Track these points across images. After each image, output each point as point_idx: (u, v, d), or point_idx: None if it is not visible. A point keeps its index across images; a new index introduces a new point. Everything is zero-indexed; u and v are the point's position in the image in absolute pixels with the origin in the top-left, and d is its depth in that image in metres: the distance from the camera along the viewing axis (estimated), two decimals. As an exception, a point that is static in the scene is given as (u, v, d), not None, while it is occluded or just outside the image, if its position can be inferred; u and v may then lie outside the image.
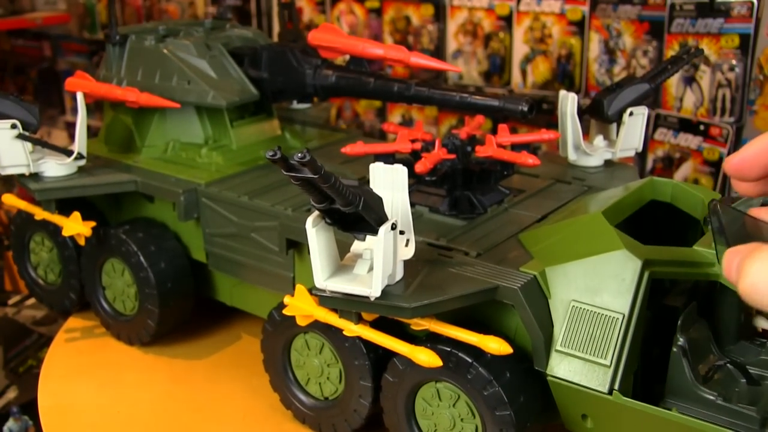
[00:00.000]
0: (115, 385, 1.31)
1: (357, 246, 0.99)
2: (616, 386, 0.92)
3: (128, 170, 1.40)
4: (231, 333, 1.45)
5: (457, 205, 1.20)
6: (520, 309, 0.96)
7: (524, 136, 1.26)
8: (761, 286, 0.59)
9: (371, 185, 0.99)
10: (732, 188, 1.04)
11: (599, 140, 1.41)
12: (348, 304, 0.96)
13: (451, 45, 1.71)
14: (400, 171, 0.97)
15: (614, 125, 1.40)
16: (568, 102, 1.34)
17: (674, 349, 0.95)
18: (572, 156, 1.38)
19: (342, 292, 0.93)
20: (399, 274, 0.98)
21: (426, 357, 0.96)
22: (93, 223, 1.34)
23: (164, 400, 1.26)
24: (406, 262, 1.00)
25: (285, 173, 0.79)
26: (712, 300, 1.03)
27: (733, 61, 1.47)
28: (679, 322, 0.96)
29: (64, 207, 1.38)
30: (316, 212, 0.91)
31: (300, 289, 1.05)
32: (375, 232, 0.89)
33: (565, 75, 1.62)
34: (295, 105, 1.77)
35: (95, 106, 2.21)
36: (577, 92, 1.62)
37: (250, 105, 1.50)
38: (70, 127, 3.07)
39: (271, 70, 1.41)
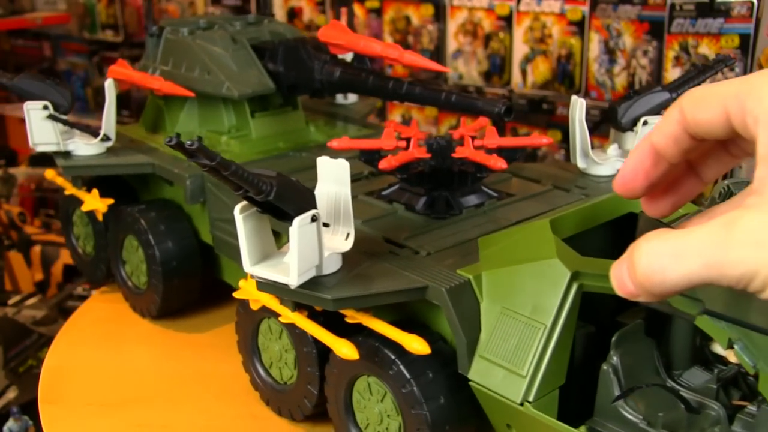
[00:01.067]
0: (117, 352, 1.40)
1: (294, 236, 1.02)
2: (531, 398, 0.90)
3: (151, 153, 1.49)
4: (233, 314, 1.51)
5: (434, 204, 1.20)
6: (445, 310, 0.95)
7: (513, 140, 1.24)
8: (654, 264, 0.54)
9: (318, 179, 1.01)
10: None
11: (613, 149, 1.35)
12: (277, 291, 0.99)
13: (451, 45, 1.69)
14: (343, 166, 0.99)
15: (629, 134, 1.35)
16: (577, 108, 1.30)
17: (604, 367, 0.91)
18: (581, 164, 1.33)
19: (265, 278, 0.96)
20: (334, 266, 1.00)
21: (347, 350, 0.97)
22: (110, 200, 1.44)
23: (153, 370, 1.34)
24: (349, 256, 1.01)
25: (189, 161, 0.83)
26: (664, 321, 0.98)
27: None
28: (613, 338, 0.92)
29: (103, 185, 1.49)
30: (245, 200, 0.95)
31: (252, 274, 1.09)
32: (294, 223, 0.91)
33: (565, 75, 1.57)
34: (340, 100, 1.81)
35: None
36: (577, 92, 1.57)
37: (275, 98, 1.56)
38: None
39: (285, 65, 1.45)
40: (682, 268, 0.54)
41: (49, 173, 1.59)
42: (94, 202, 1.43)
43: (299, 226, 0.90)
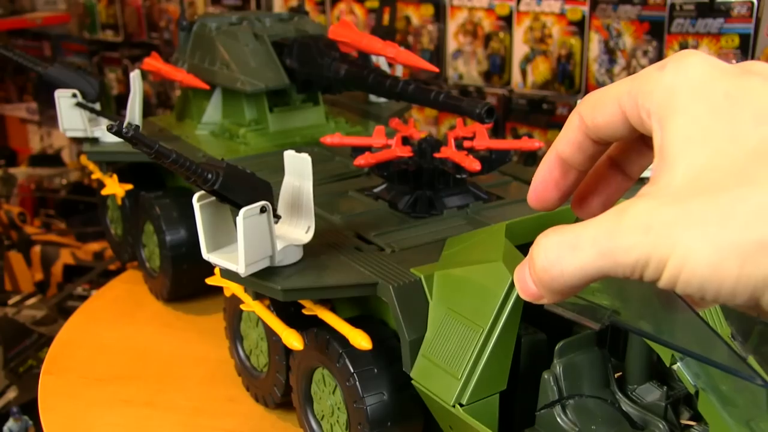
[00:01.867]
0: (124, 330, 1.47)
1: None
2: (464, 401, 0.89)
3: (172, 141, 1.55)
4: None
5: (416, 204, 1.20)
6: (391, 307, 0.96)
7: (503, 143, 1.22)
8: (551, 256, 0.53)
9: (285, 171, 1.04)
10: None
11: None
12: (233, 278, 1.02)
13: (451, 45, 1.66)
14: (305, 160, 1.01)
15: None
16: (580, 111, 1.27)
17: (545, 375, 0.90)
18: (583, 169, 1.30)
19: (218, 264, 0.99)
20: (292, 257, 1.01)
21: (293, 340, 0.99)
22: (129, 186, 1.51)
23: (149, 350, 1.40)
24: (311, 248, 1.03)
25: (134, 148, 0.87)
26: (620, 334, 0.95)
27: (734, 61, 1.32)
28: (557, 346, 0.90)
29: (134, 172, 1.57)
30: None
31: (224, 261, 1.12)
32: (246, 213, 0.94)
33: (565, 75, 1.52)
34: (373, 99, 1.83)
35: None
36: (577, 92, 1.52)
37: (296, 93, 1.59)
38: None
39: (300, 61, 1.49)
40: (577, 259, 0.52)
41: (84, 159, 1.68)
42: (114, 187, 1.50)
43: (245, 216, 0.93)
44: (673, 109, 0.52)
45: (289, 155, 1.02)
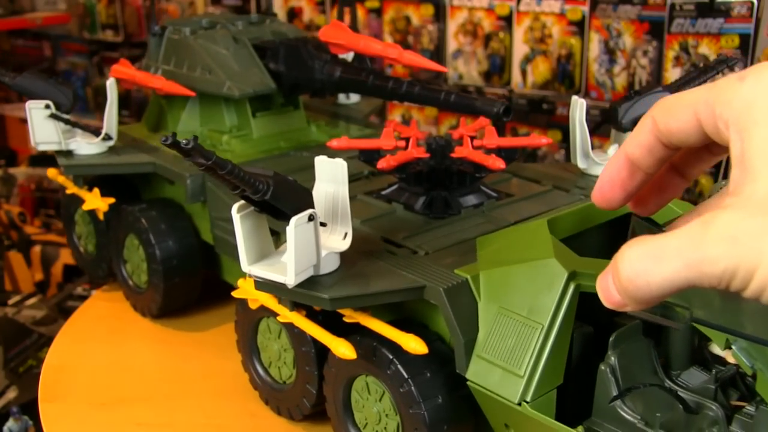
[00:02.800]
0: (117, 350, 1.41)
1: (292, 234, 1.02)
2: (528, 398, 0.90)
3: (152, 152, 1.49)
4: (234, 313, 1.51)
5: (432, 204, 1.19)
6: (443, 310, 0.95)
7: (512, 140, 1.24)
8: (638, 268, 0.54)
9: (316, 178, 1.02)
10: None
11: (613, 149, 1.35)
12: (275, 290, 0.99)
13: (451, 45, 1.69)
14: (340, 165, 0.99)
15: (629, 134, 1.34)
16: (577, 108, 1.30)
17: (602, 367, 0.91)
18: (581, 164, 1.33)
19: (263, 278, 0.96)
20: (332, 265, 1.00)
21: (344, 349, 0.97)
22: (111, 200, 1.44)
23: (152, 368, 1.35)
24: (347, 255, 1.01)
25: (185, 160, 0.83)
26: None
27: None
28: (611, 338, 0.92)
29: (107, 184, 1.50)
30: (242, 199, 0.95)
31: (250, 273, 1.09)
32: (291, 222, 0.92)
33: (565, 75, 1.57)
34: (342, 100, 1.82)
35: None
36: (577, 92, 1.57)
37: (277, 97, 1.56)
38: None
39: (287, 64, 1.46)
40: (664, 270, 0.54)
41: (51, 172, 1.59)
42: (95, 201, 1.43)
43: (296, 225, 0.90)
44: (754, 121, 0.53)
45: (322, 161, 1.00)
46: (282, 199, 0.90)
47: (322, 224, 0.97)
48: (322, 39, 1.41)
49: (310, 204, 0.95)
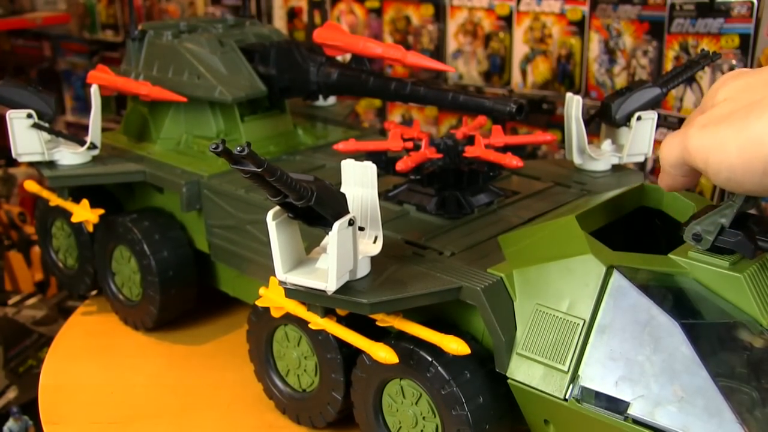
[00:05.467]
0: (115, 367, 1.36)
1: (324, 241, 1.00)
2: (574, 392, 0.91)
3: (140, 161, 1.45)
4: (233, 322, 1.48)
5: (445, 204, 1.20)
6: (481, 310, 0.96)
7: (519, 138, 1.25)
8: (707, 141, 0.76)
9: (342, 182, 1.00)
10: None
11: (607, 144, 1.38)
12: (309, 297, 0.98)
13: (451, 45, 1.70)
14: (369, 168, 0.98)
15: (623, 129, 1.37)
16: (573, 105, 1.32)
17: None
18: (577, 160, 1.35)
19: (301, 285, 0.94)
20: (364, 270, 0.99)
21: (385, 354, 0.96)
22: (101, 211, 1.39)
23: (157, 384, 1.30)
24: (376, 259, 1.00)
25: (232, 167, 0.81)
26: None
27: (734, 62, 1.44)
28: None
29: (85, 195, 1.44)
30: (277, 206, 0.93)
31: (273, 281, 1.07)
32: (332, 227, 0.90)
33: (565, 75, 1.60)
34: (320, 102, 1.79)
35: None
36: (577, 92, 1.60)
37: (263, 101, 1.53)
38: (70, 127, 3.16)
39: (278, 67, 1.43)
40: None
41: (29, 185, 1.52)
42: (85, 213, 1.37)
43: (339, 230, 0.89)
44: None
45: (350, 164, 0.99)
46: (325, 205, 0.89)
47: (361, 228, 0.96)
48: (316, 41, 1.39)
49: (347, 208, 0.94)
